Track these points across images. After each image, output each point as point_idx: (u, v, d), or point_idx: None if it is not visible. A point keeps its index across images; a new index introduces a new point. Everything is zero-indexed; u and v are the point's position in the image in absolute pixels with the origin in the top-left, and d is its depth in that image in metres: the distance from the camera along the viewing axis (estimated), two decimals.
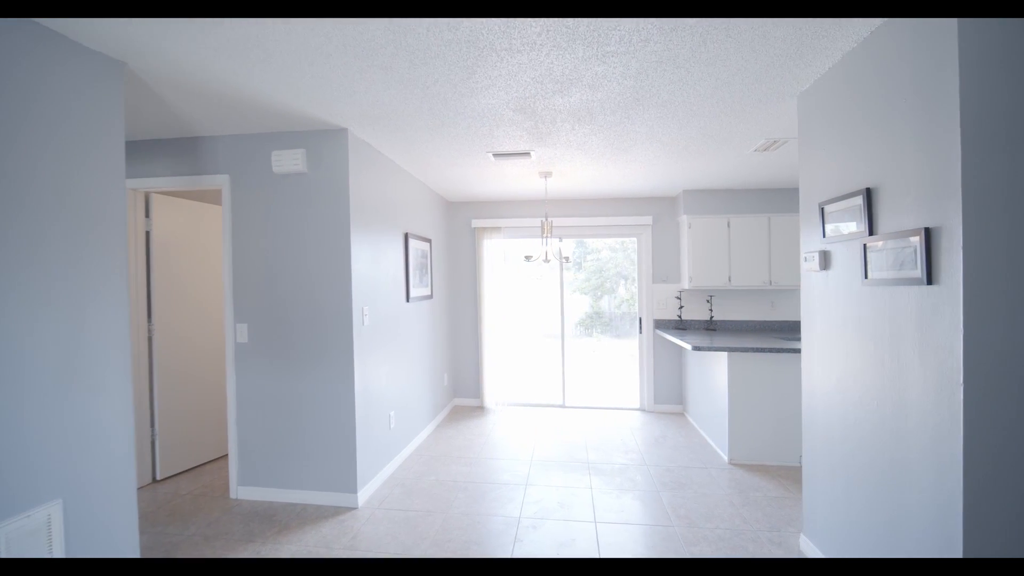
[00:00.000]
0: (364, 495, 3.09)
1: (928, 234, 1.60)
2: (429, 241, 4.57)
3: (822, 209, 2.24)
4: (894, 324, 1.79)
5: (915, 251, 1.65)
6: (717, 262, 4.79)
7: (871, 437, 1.92)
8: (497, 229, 5.33)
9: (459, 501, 3.11)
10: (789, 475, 3.49)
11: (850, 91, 2.04)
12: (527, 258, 4.05)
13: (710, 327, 5.06)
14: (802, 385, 2.49)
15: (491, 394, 5.42)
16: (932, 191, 1.59)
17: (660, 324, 5.21)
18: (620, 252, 6.78)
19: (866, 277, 1.93)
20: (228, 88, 2.34)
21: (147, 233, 3.40)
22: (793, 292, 5.00)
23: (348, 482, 3.01)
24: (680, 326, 5.15)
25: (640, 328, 5.32)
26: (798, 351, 3.59)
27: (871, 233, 1.91)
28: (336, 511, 2.96)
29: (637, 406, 5.37)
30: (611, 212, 5.28)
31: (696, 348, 3.71)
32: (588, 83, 2.31)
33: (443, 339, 5.15)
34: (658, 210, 5.25)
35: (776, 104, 2.57)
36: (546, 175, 4.06)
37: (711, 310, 5.05)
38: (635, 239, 5.34)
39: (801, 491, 3.21)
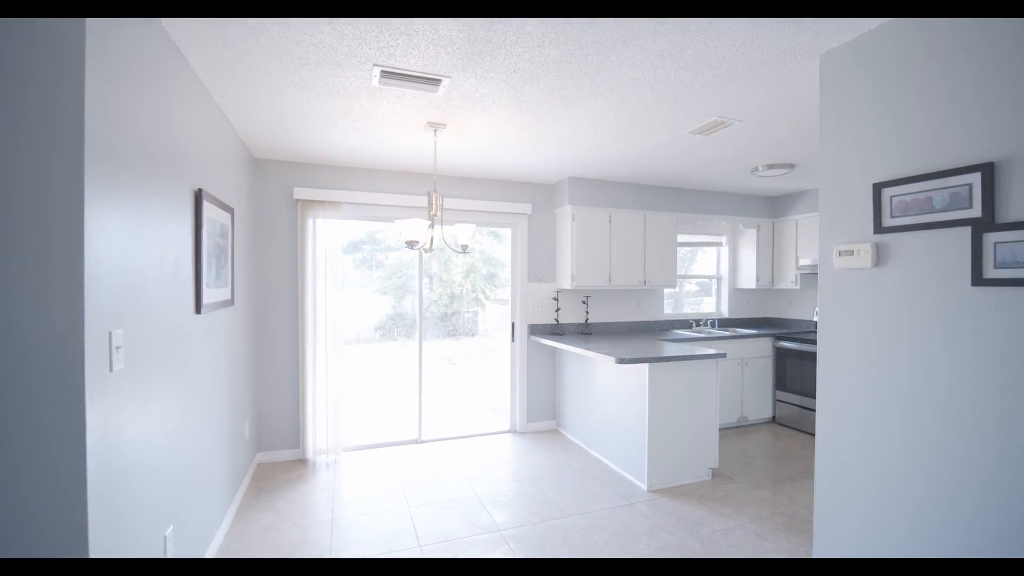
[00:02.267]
0: None
1: None
2: (231, 212, 2.80)
3: (878, 191, 1.79)
4: None
5: None
6: (599, 259, 4.35)
7: (986, 479, 1.50)
8: (334, 205, 3.77)
9: None
10: (708, 494, 3.17)
11: (941, 42, 1.60)
12: (410, 244, 2.77)
13: (586, 330, 4.61)
14: (819, 402, 2.04)
15: (317, 439, 3.82)
16: None
17: (534, 330, 4.52)
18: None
19: (981, 276, 1.51)
20: None
21: None
22: (655, 292, 4.96)
23: None
24: (557, 331, 4.55)
25: (513, 335, 4.52)
26: (712, 356, 3.32)
27: (993, 221, 1.49)
28: None
29: (507, 428, 4.56)
30: (486, 195, 4.33)
31: (622, 361, 3.09)
32: None
33: (245, 368, 3.35)
34: (538, 198, 4.54)
35: (787, 64, 2.07)
36: (437, 128, 2.85)
37: (587, 312, 4.60)
38: (509, 230, 4.51)
39: (742, 514, 2.89)
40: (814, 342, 4.38)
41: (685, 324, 5.09)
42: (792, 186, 4.60)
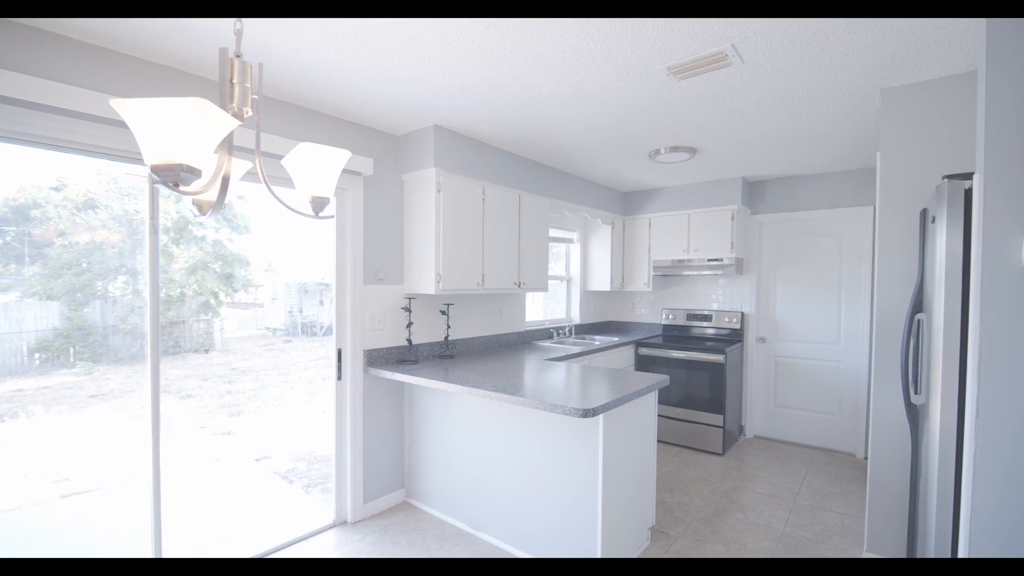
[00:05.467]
0: None
1: None
2: None
3: None
4: None
5: None
6: (472, 252, 3.08)
7: None
8: None
9: None
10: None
11: None
12: (167, 178, 0.98)
13: (447, 352, 3.26)
14: (973, 464, 1.35)
15: None
16: None
17: (374, 358, 2.92)
18: (125, 226, 3.69)
19: None
20: None
21: None
22: (516, 297, 3.98)
23: None
24: (409, 356, 3.06)
25: (339, 371, 2.82)
26: (657, 384, 2.51)
27: None
28: None
29: (331, 519, 2.83)
30: (300, 133, 2.52)
31: (586, 413, 1.93)
32: None
33: None
34: (381, 154, 2.94)
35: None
36: None
37: (449, 326, 3.26)
38: (334, 199, 2.78)
39: None
40: (672, 347, 4.14)
41: (546, 334, 4.27)
42: (656, 181, 4.29)
